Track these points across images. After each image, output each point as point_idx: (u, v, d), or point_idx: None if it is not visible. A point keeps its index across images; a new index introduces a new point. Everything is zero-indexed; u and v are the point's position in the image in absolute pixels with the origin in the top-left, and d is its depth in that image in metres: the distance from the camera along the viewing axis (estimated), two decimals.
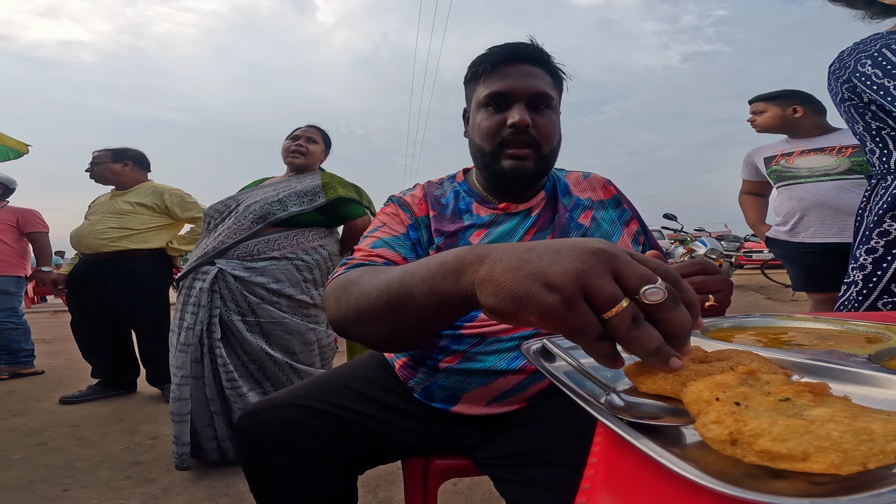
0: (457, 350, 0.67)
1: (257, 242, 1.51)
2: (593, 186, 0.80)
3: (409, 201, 0.77)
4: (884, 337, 0.39)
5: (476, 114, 0.73)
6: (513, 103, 0.69)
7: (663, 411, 0.25)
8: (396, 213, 0.76)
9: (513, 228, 0.73)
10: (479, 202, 0.76)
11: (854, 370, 0.29)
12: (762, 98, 1.75)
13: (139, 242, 2.21)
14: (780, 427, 0.19)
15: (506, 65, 0.70)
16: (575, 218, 0.75)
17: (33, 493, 1.37)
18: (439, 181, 0.82)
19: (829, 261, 1.61)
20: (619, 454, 0.23)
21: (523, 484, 0.57)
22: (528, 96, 0.69)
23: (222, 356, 1.39)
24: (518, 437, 0.62)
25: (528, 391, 0.65)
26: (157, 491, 1.36)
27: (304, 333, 1.53)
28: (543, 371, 0.34)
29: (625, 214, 0.78)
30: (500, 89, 0.69)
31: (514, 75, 0.69)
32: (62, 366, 3.24)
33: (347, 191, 1.66)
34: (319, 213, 1.60)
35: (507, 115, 0.68)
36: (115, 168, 2.25)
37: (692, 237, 7.01)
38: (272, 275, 1.49)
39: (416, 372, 0.71)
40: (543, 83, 0.70)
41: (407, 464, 0.75)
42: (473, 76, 0.73)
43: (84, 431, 1.89)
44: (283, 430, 0.64)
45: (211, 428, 1.41)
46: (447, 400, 0.68)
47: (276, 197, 1.56)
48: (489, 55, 0.71)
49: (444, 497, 1.26)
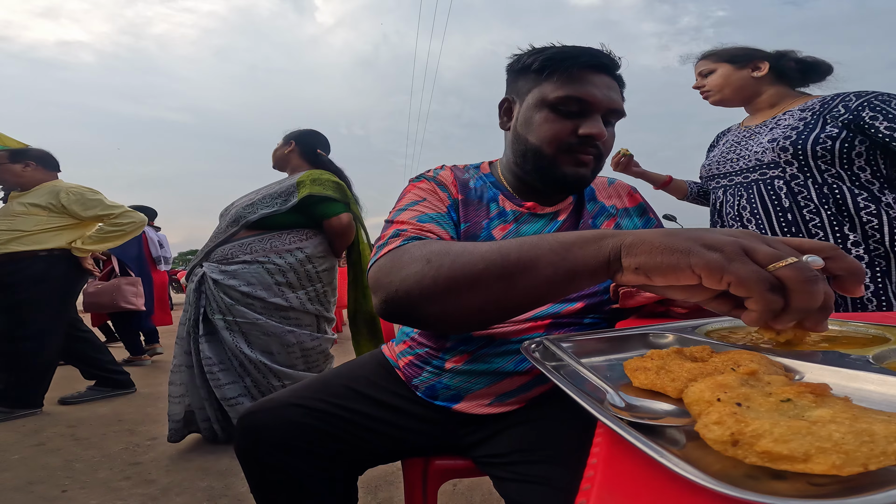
0: (465, 350, 0.66)
1: (231, 246, 1.57)
2: (619, 193, 0.79)
3: (444, 181, 0.73)
4: (884, 338, 0.39)
5: (536, 111, 0.67)
6: (589, 113, 0.65)
7: (664, 411, 0.25)
8: (434, 191, 0.72)
9: (538, 231, 0.70)
10: (506, 196, 0.73)
11: (855, 371, 0.29)
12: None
13: (32, 244, 2.09)
14: (782, 428, 0.19)
15: (589, 71, 0.65)
16: (598, 225, 0.73)
17: (32, 494, 1.36)
18: (464, 167, 0.79)
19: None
20: (619, 454, 0.23)
21: (522, 483, 0.57)
22: (606, 110, 0.65)
23: (203, 350, 1.53)
24: (517, 435, 0.62)
25: (531, 392, 0.65)
26: (155, 492, 1.36)
27: (282, 336, 1.56)
28: (543, 370, 0.34)
29: (650, 224, 0.77)
30: (581, 96, 0.64)
31: (598, 85, 0.65)
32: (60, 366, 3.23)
33: (323, 188, 1.59)
34: (297, 214, 1.59)
35: (579, 124, 0.64)
36: (15, 169, 2.17)
37: None
38: (243, 278, 1.54)
39: (421, 371, 0.71)
40: (619, 99, 0.67)
41: (407, 464, 0.75)
42: (541, 70, 0.66)
43: (83, 432, 1.89)
44: (283, 430, 0.64)
45: (203, 410, 1.58)
46: (450, 399, 0.68)
47: (250, 200, 1.61)
48: (574, 56, 0.65)
49: (444, 498, 1.26)
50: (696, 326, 0.46)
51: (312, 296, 1.64)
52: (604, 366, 0.39)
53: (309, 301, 1.63)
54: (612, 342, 0.44)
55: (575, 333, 0.45)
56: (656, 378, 0.30)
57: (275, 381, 1.56)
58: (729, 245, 0.31)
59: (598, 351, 0.43)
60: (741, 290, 0.30)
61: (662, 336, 0.44)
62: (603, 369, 0.38)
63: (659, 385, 0.30)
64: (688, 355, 0.34)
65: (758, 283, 0.29)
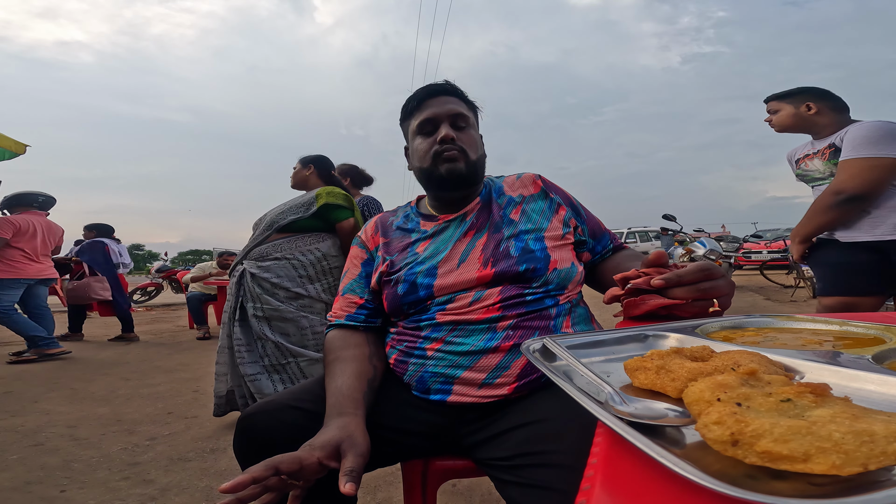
0: (437, 337, 0.74)
1: (267, 247, 1.91)
2: (525, 184, 0.90)
3: (364, 238, 0.92)
4: (884, 338, 0.39)
5: (413, 142, 0.87)
6: (439, 125, 0.83)
7: (664, 411, 0.25)
8: (357, 255, 0.91)
9: (451, 234, 0.84)
10: (425, 219, 0.89)
11: (855, 371, 0.29)
12: (776, 97, 1.69)
13: None
14: (782, 428, 0.19)
15: (428, 99, 0.85)
16: (507, 214, 0.84)
17: (30, 494, 1.36)
18: (395, 210, 0.98)
19: (855, 260, 1.50)
20: (619, 454, 0.23)
21: (524, 485, 0.57)
22: (450, 117, 0.83)
23: (237, 334, 1.83)
24: (519, 438, 0.62)
25: (511, 368, 0.69)
26: (154, 492, 1.36)
27: (298, 320, 1.85)
28: (544, 370, 0.34)
29: (553, 203, 0.87)
30: (427, 116, 0.84)
31: (436, 104, 0.84)
32: (59, 366, 3.23)
33: (335, 198, 1.97)
34: (316, 219, 1.95)
35: (436, 135, 0.82)
36: None
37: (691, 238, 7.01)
38: (275, 272, 1.87)
39: (407, 364, 0.75)
40: (459, 107, 0.85)
41: (406, 465, 0.75)
42: (405, 115, 0.89)
43: (82, 432, 1.89)
44: (282, 433, 0.64)
45: (240, 388, 1.82)
46: (442, 390, 0.70)
47: (281, 209, 1.99)
48: (415, 95, 0.87)
49: (443, 497, 1.26)
50: (695, 326, 0.46)
51: (325, 287, 1.95)
52: (604, 365, 0.39)
53: (323, 291, 1.95)
54: (612, 342, 0.44)
55: (575, 333, 0.46)
56: (656, 378, 0.30)
57: (290, 359, 1.84)
58: None
59: (598, 351, 0.43)
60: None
61: (662, 336, 0.44)
62: (603, 369, 0.38)
63: (659, 385, 0.30)
64: (688, 355, 0.34)
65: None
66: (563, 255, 0.79)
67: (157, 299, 8.65)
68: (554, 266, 0.76)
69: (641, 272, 0.60)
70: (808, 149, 1.68)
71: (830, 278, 1.59)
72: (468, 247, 0.80)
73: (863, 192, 1.40)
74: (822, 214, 1.50)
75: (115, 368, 3.12)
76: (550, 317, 0.74)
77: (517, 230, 0.80)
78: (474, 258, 0.78)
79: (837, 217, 1.49)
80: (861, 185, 1.40)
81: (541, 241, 0.79)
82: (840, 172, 1.44)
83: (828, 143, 1.56)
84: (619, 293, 0.62)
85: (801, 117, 1.63)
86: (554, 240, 0.80)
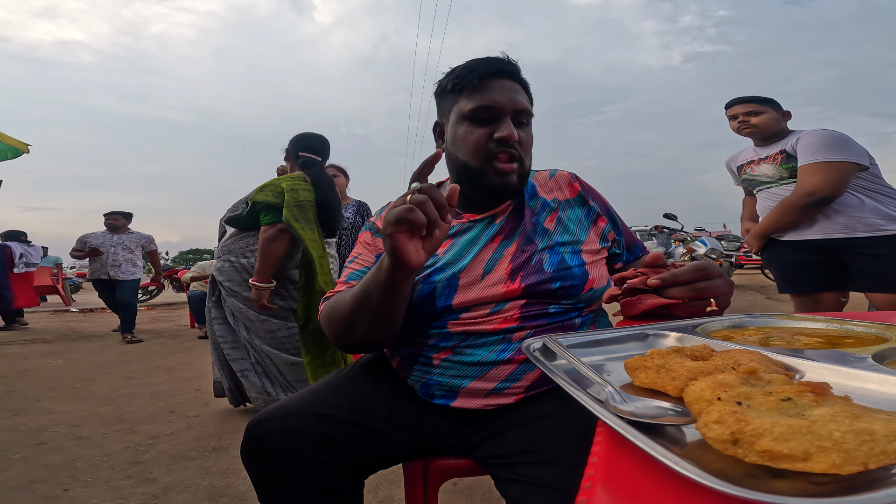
0: (446, 346, 0.70)
1: (224, 244, 1.83)
2: (559, 185, 0.80)
3: (380, 224, 0.81)
4: (884, 337, 0.39)
5: (457, 126, 0.72)
6: (500, 118, 0.69)
7: (664, 410, 0.25)
8: (370, 242, 0.81)
9: (476, 236, 0.74)
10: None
11: (855, 370, 0.29)
12: (753, 100, 1.72)
13: None
14: (782, 427, 0.19)
15: (491, 79, 0.70)
16: (541, 222, 0.75)
17: (33, 493, 1.37)
18: None
19: (807, 259, 1.60)
20: (619, 453, 0.23)
21: (524, 483, 0.57)
22: (514, 112, 0.70)
23: (218, 331, 1.84)
24: (519, 436, 0.62)
25: (521, 381, 0.66)
26: (157, 491, 1.36)
27: (263, 323, 1.76)
28: (544, 370, 0.34)
29: (591, 212, 0.78)
30: (488, 103, 0.69)
31: (501, 90, 0.70)
32: (62, 366, 3.24)
33: (265, 195, 1.68)
34: (254, 218, 1.73)
35: (493, 129, 0.69)
36: None
37: (692, 237, 7.00)
38: (225, 275, 1.80)
39: (411, 370, 0.73)
40: (525, 100, 0.72)
41: (407, 464, 0.75)
42: (454, 88, 0.73)
43: (84, 431, 1.89)
44: (292, 439, 0.63)
45: (224, 380, 1.86)
46: (446, 396, 0.69)
47: (234, 202, 1.85)
48: (474, 68, 0.71)
49: (444, 497, 1.26)
50: (696, 326, 0.46)
51: (283, 293, 1.77)
52: (604, 365, 0.39)
53: (279, 297, 1.76)
54: (612, 341, 0.44)
55: (576, 333, 0.46)
56: (657, 377, 0.30)
57: (267, 361, 1.76)
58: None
59: (598, 350, 0.43)
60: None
61: (662, 335, 0.44)
62: (603, 368, 0.38)
63: (659, 384, 0.30)
64: (688, 354, 0.34)
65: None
66: (601, 273, 0.73)
67: (159, 298, 8.67)
68: (591, 285, 0.69)
69: (638, 272, 0.60)
70: (752, 155, 1.77)
71: (787, 275, 1.69)
72: (494, 255, 0.72)
73: (833, 193, 1.50)
74: (793, 214, 1.59)
75: (116, 367, 3.13)
76: (574, 327, 0.70)
77: (552, 241, 0.72)
78: (501, 269, 0.70)
79: (805, 217, 1.58)
80: (832, 188, 1.49)
81: (578, 254, 0.71)
82: (809, 176, 1.52)
83: (779, 150, 1.66)
84: (616, 293, 0.62)
85: (779, 123, 1.71)
86: (591, 254, 0.73)
